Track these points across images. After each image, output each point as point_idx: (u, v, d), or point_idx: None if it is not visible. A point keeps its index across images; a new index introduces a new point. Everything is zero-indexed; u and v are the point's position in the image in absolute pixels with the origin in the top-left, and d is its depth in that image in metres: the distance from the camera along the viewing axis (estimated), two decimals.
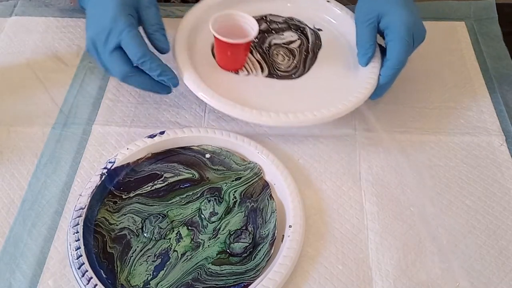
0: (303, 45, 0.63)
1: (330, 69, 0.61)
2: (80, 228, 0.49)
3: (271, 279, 0.46)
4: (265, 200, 0.53)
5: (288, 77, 0.59)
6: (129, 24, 0.50)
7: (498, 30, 0.72)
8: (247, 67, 0.61)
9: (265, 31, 0.64)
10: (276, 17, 0.66)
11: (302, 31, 0.65)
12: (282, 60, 0.61)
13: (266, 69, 0.60)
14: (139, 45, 0.50)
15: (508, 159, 0.58)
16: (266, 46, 0.63)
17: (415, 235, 0.51)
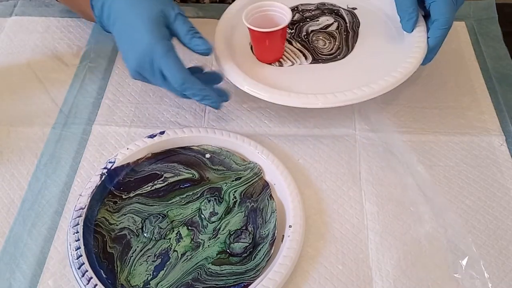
0: (341, 26, 0.63)
1: (375, 44, 0.61)
2: (80, 228, 0.49)
3: (271, 279, 0.46)
4: (265, 200, 0.53)
5: (333, 59, 0.60)
6: (166, 50, 0.50)
7: (498, 30, 0.72)
8: (290, 57, 0.60)
9: (300, 20, 0.64)
10: (307, 5, 0.67)
11: (337, 13, 0.65)
12: (323, 44, 0.61)
13: (310, 56, 0.60)
14: (178, 72, 0.50)
15: (508, 159, 0.58)
16: (304, 34, 0.63)
17: (415, 235, 0.51)
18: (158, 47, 0.49)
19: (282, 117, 0.62)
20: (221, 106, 0.55)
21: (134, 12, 0.51)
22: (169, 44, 0.50)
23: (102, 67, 0.67)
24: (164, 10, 0.51)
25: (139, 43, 0.50)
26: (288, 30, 0.63)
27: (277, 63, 0.60)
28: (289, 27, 0.63)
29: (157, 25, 0.50)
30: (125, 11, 0.52)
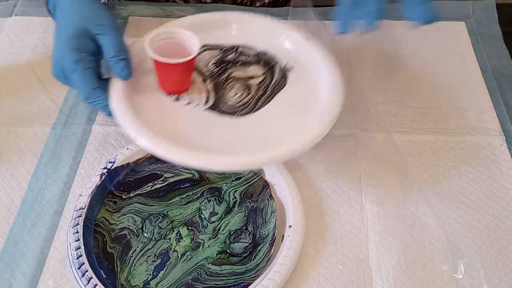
0: (264, 83, 0.55)
1: (282, 112, 0.52)
2: (80, 228, 0.49)
3: (271, 279, 0.46)
4: (265, 200, 0.53)
5: (231, 114, 0.52)
6: (75, 60, 0.48)
7: (498, 30, 0.72)
8: (192, 95, 0.53)
9: (231, 61, 0.57)
10: (248, 49, 0.59)
11: (270, 68, 0.57)
12: (233, 95, 0.54)
13: (212, 101, 0.53)
14: (82, 86, 0.48)
15: (508, 159, 0.58)
16: (224, 77, 0.56)
17: (415, 235, 0.51)
18: (67, 58, 0.48)
19: None
20: None
21: (64, 19, 0.52)
22: (78, 55, 0.48)
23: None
24: (89, 21, 0.50)
25: (56, 51, 0.50)
26: (212, 68, 0.56)
27: (176, 96, 0.53)
28: (217, 65, 0.57)
29: (77, 35, 0.49)
30: (60, 15, 0.53)
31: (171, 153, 0.45)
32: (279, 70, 0.57)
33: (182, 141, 0.47)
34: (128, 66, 0.50)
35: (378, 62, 0.68)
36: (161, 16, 0.74)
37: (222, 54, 0.58)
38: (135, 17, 0.74)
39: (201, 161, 0.45)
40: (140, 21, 0.74)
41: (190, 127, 0.51)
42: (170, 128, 0.50)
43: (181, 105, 0.52)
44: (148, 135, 0.46)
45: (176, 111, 0.52)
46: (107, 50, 0.50)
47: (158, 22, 0.73)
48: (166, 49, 0.50)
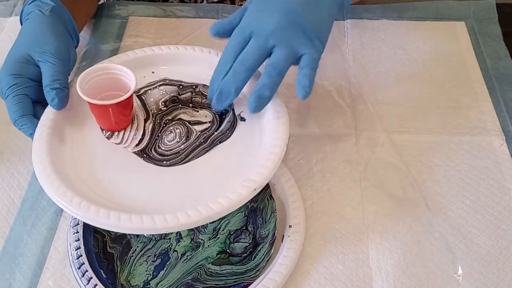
0: (208, 131, 0.50)
1: (213, 167, 0.47)
2: (80, 228, 0.49)
3: (271, 279, 0.46)
4: (265, 200, 0.53)
5: (157, 162, 0.47)
6: (10, 85, 0.48)
7: (498, 30, 0.72)
8: (126, 134, 0.49)
9: (183, 101, 0.53)
10: (207, 89, 0.53)
11: (221, 115, 0.51)
12: (171, 140, 0.49)
13: (144, 144, 0.49)
14: (12, 112, 0.48)
15: (508, 159, 0.58)
16: (168, 118, 0.51)
17: (415, 235, 0.51)
18: (3, 82, 0.49)
19: None
20: None
21: (15, 44, 0.52)
22: (14, 80, 0.48)
23: None
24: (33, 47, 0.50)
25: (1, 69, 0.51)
26: (161, 106, 0.52)
27: (109, 133, 0.49)
28: (165, 104, 0.52)
29: (18, 60, 0.50)
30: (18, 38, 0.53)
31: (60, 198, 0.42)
32: (230, 119, 0.51)
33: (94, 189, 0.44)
34: (58, 96, 0.48)
35: (378, 62, 0.68)
36: (161, 16, 0.74)
37: (178, 92, 0.54)
38: (135, 17, 0.74)
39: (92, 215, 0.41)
40: (140, 21, 0.74)
41: (109, 173, 0.46)
42: (83, 167, 0.46)
43: (110, 143, 0.49)
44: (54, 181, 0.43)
45: (100, 149, 0.48)
46: (43, 78, 0.49)
47: (158, 22, 0.74)
48: (105, 85, 0.49)
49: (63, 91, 0.48)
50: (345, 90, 0.65)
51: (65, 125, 0.49)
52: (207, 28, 0.55)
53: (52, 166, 0.45)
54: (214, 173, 0.47)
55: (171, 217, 0.41)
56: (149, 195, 0.45)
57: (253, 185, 0.43)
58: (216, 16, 0.74)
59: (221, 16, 0.74)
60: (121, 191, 0.45)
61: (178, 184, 0.46)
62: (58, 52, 0.50)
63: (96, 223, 0.42)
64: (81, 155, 0.48)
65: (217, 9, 0.75)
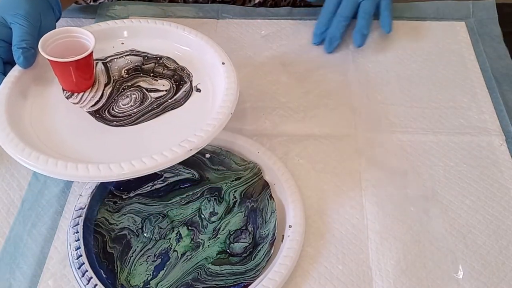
0: (163, 98, 0.54)
1: (156, 131, 0.51)
2: (80, 228, 0.49)
3: (271, 279, 0.46)
4: (265, 200, 0.53)
5: (107, 122, 0.51)
6: None
7: (498, 30, 0.72)
8: (85, 95, 0.53)
9: (145, 71, 0.57)
10: (171, 62, 0.58)
11: (178, 85, 0.55)
12: (126, 103, 0.53)
13: (100, 105, 0.53)
14: None
15: (508, 159, 0.58)
16: (127, 85, 0.55)
17: (415, 235, 0.51)
18: None
19: (283, 116, 0.62)
20: None
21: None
22: None
23: None
24: (7, 10, 0.53)
25: None
26: (123, 73, 0.56)
27: (70, 93, 0.54)
28: (128, 71, 0.57)
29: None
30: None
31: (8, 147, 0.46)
32: (186, 89, 0.55)
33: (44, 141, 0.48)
34: (23, 55, 0.52)
35: (378, 62, 0.68)
36: (161, 16, 0.74)
37: (142, 62, 0.58)
38: (135, 17, 0.74)
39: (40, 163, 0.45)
40: None
41: (60, 128, 0.51)
42: (39, 122, 0.51)
43: (69, 102, 0.53)
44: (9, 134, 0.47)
45: (57, 108, 0.53)
46: (13, 39, 0.53)
47: None
48: (65, 49, 0.52)
49: (29, 50, 0.52)
50: (346, 90, 0.65)
51: (29, 83, 0.53)
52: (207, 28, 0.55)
53: (8, 119, 0.48)
54: (158, 135, 0.51)
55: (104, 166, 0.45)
56: (95, 150, 0.49)
57: (189, 146, 0.47)
58: (216, 16, 0.74)
59: (221, 16, 0.74)
60: (71, 145, 0.49)
61: (123, 143, 0.50)
62: (28, 15, 0.53)
63: (45, 172, 0.45)
64: (39, 111, 0.52)
65: (217, 9, 0.75)
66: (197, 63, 0.58)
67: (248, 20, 0.69)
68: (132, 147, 0.50)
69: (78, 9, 0.75)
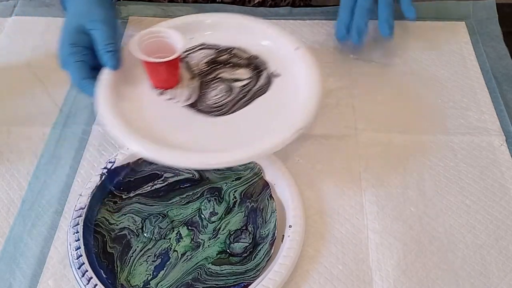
0: (247, 86, 0.56)
1: (255, 117, 0.54)
2: (80, 228, 0.49)
3: (271, 279, 0.46)
4: (265, 200, 0.53)
5: (207, 113, 0.54)
6: (70, 53, 0.54)
7: (498, 30, 0.72)
8: (177, 91, 0.56)
9: (222, 62, 0.59)
10: (242, 52, 0.60)
11: (258, 72, 0.58)
12: (215, 95, 0.55)
13: (193, 99, 0.55)
14: (74, 76, 0.54)
15: (508, 159, 0.58)
16: (211, 77, 0.58)
17: (415, 235, 0.51)
18: (63, 50, 0.54)
19: None
20: None
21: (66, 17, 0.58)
22: (73, 49, 0.54)
23: None
24: (83, 17, 0.56)
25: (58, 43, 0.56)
26: (202, 66, 0.59)
27: (160, 90, 0.55)
28: (207, 64, 0.59)
29: (73, 31, 0.55)
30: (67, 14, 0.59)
31: (132, 142, 0.48)
32: (266, 76, 0.58)
33: (151, 133, 0.50)
34: (114, 57, 0.53)
35: (379, 62, 0.68)
36: (161, 16, 0.74)
37: (216, 54, 0.60)
38: (135, 17, 0.74)
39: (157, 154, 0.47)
40: (140, 21, 0.74)
41: (163, 121, 0.53)
42: (142, 119, 0.52)
43: (163, 99, 0.55)
44: (119, 123, 0.49)
45: (155, 104, 0.54)
46: (96, 44, 0.54)
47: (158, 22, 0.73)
48: (155, 47, 0.54)
49: (117, 53, 0.54)
50: (346, 90, 0.65)
51: (120, 84, 0.54)
52: None
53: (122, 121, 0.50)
54: (256, 120, 0.53)
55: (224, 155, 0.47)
56: (205, 140, 0.51)
57: (299, 126, 0.50)
58: None
59: None
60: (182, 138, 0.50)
61: (228, 131, 0.52)
62: (105, 19, 0.55)
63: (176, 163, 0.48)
64: (138, 110, 0.53)
65: (216, 9, 0.75)
66: (267, 51, 0.60)
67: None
68: (236, 133, 0.52)
69: None
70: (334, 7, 0.75)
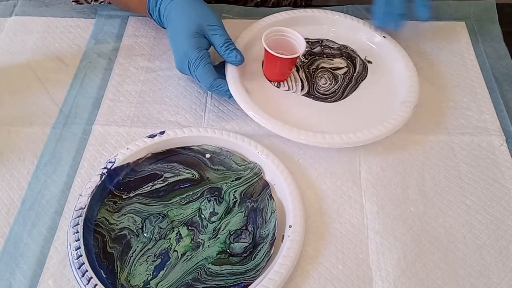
0: (348, 73, 0.65)
1: (367, 99, 0.62)
2: (80, 228, 0.49)
3: (271, 279, 0.46)
4: (265, 200, 0.53)
5: (323, 99, 0.62)
6: (196, 57, 0.58)
7: (498, 30, 0.72)
8: (290, 83, 0.63)
9: (318, 54, 0.67)
10: (331, 42, 0.68)
11: (352, 60, 0.66)
12: (324, 83, 0.63)
13: (306, 88, 0.63)
14: (205, 78, 0.59)
15: (508, 159, 0.58)
16: (313, 68, 0.65)
17: (415, 235, 0.51)
18: (191, 55, 0.58)
19: None
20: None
21: (180, 22, 0.61)
22: (200, 53, 0.58)
23: (102, 67, 0.67)
24: (201, 23, 0.60)
25: (179, 49, 0.60)
26: (302, 58, 0.66)
27: (276, 83, 0.63)
28: (306, 56, 0.66)
29: (194, 35, 0.59)
30: (174, 18, 0.62)
31: (281, 130, 0.56)
32: (360, 62, 0.66)
33: (288, 120, 0.57)
34: (239, 53, 0.60)
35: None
36: None
37: (309, 47, 0.68)
38: (135, 17, 0.74)
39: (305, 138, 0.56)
40: (140, 21, 0.74)
41: (293, 109, 0.60)
42: (277, 109, 0.59)
43: (282, 90, 0.63)
44: (264, 115, 0.57)
45: (279, 96, 0.62)
46: (219, 45, 0.60)
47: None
48: (274, 45, 0.60)
49: (238, 50, 0.61)
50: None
51: (243, 80, 0.61)
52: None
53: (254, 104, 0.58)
54: (370, 103, 0.61)
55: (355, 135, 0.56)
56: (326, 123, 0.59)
57: (411, 104, 0.59)
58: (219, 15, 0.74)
59: (221, 16, 0.74)
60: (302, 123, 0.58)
61: (347, 114, 0.60)
62: (219, 22, 0.61)
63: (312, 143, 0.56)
64: (264, 101, 0.60)
65: (218, 9, 0.75)
66: (353, 41, 0.69)
67: (249, 20, 0.69)
68: (356, 115, 0.60)
69: (79, 9, 0.75)
70: (335, 7, 0.75)
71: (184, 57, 0.59)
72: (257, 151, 0.56)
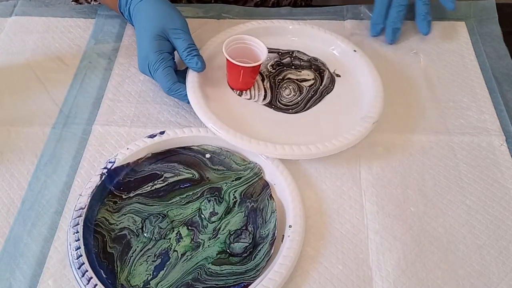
0: (315, 85, 0.63)
1: (329, 113, 0.60)
2: (80, 228, 0.49)
3: (271, 279, 0.46)
4: (265, 200, 0.53)
5: (284, 110, 0.60)
6: (155, 60, 0.58)
7: (498, 30, 0.72)
8: (253, 91, 0.62)
9: (286, 65, 0.66)
10: (302, 54, 0.67)
11: (320, 73, 0.65)
12: (288, 94, 0.62)
13: (269, 98, 0.62)
14: (164, 81, 0.58)
15: (508, 159, 0.58)
16: (279, 78, 0.64)
17: (415, 235, 0.51)
18: (151, 58, 0.58)
19: None
20: None
21: (145, 23, 0.61)
22: (160, 56, 0.58)
23: (102, 67, 0.67)
24: (165, 26, 0.59)
25: (141, 51, 0.60)
26: (270, 69, 0.65)
27: (239, 91, 0.62)
28: (273, 67, 0.65)
29: (156, 38, 0.59)
30: (140, 19, 0.62)
31: (235, 139, 0.54)
32: (328, 75, 0.65)
33: (245, 129, 0.56)
34: (201, 60, 0.59)
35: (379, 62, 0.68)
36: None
37: (279, 57, 0.67)
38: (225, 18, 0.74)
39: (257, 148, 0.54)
40: None
41: (251, 119, 0.59)
42: (234, 117, 0.58)
43: (244, 99, 0.62)
44: (218, 123, 0.55)
45: (239, 104, 0.61)
46: (180, 50, 0.59)
47: None
48: (237, 53, 0.59)
49: (201, 56, 0.60)
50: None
51: (204, 86, 0.60)
52: (207, 28, 0.56)
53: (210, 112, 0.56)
54: (332, 117, 0.60)
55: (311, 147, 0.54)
56: (283, 134, 0.57)
57: (372, 120, 0.57)
58: (216, 16, 0.74)
59: (221, 16, 0.74)
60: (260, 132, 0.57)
61: (306, 126, 0.59)
62: (184, 26, 0.60)
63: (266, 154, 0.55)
64: (223, 108, 0.59)
65: (218, 9, 0.75)
66: (323, 53, 0.67)
67: (249, 20, 0.70)
68: (314, 128, 0.59)
69: (79, 9, 0.76)
70: (335, 7, 0.75)
71: (145, 59, 0.59)
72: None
